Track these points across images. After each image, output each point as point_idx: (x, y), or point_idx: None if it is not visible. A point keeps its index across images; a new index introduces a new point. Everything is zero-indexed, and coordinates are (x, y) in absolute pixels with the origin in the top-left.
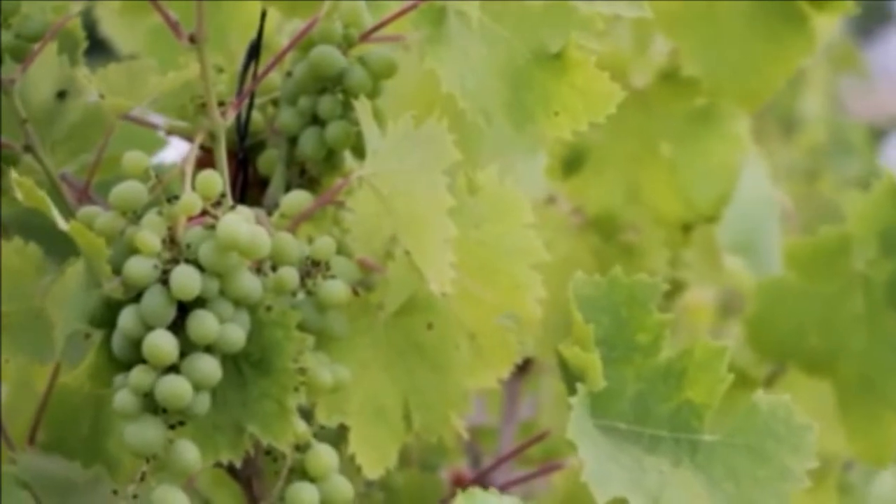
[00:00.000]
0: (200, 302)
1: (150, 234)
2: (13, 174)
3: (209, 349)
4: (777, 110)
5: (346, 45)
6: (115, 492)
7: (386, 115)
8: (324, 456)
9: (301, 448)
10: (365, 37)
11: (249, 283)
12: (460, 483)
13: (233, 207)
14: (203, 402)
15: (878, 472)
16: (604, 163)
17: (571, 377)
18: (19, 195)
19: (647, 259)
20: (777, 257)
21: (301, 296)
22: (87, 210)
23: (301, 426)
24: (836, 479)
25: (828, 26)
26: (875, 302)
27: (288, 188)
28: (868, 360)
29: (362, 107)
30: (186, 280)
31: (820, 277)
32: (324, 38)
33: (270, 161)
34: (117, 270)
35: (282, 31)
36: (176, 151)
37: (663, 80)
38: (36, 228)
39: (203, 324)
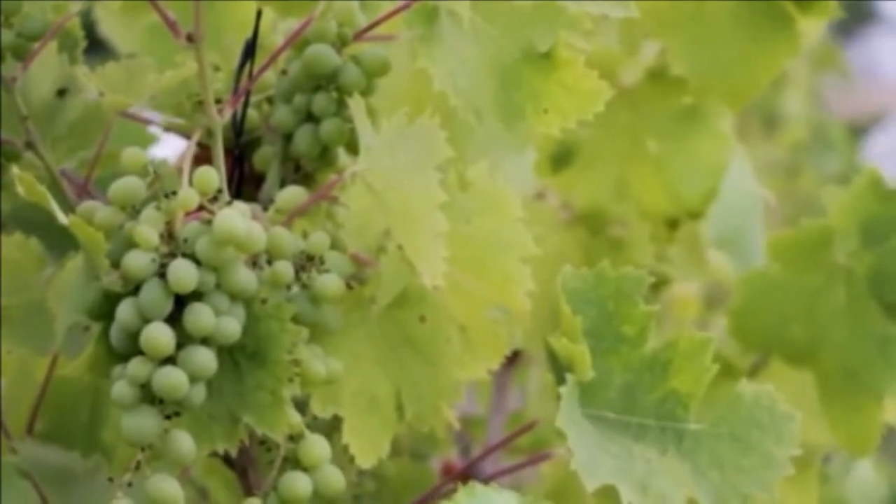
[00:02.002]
0: (197, 295)
1: (148, 229)
2: (14, 170)
3: (205, 341)
4: (760, 108)
5: (340, 43)
6: (111, 480)
7: (379, 113)
8: (316, 446)
9: (294, 438)
10: (358, 36)
11: (245, 277)
12: (450, 472)
13: (229, 203)
14: (199, 393)
15: (856, 463)
16: (592, 159)
17: (560, 368)
18: (20, 190)
19: (634, 253)
20: (760, 251)
21: (296, 289)
22: (86, 205)
23: (295, 417)
24: (818, 470)
25: (813, 28)
26: (856, 293)
27: (283, 184)
28: (850, 351)
29: (356, 104)
30: (183, 274)
31: (802, 269)
32: (318, 37)
33: (266, 157)
34: (116, 264)
35: (277, 30)
36: (173, 148)
37: (651, 79)
38: (37, 223)
39: (199, 316)
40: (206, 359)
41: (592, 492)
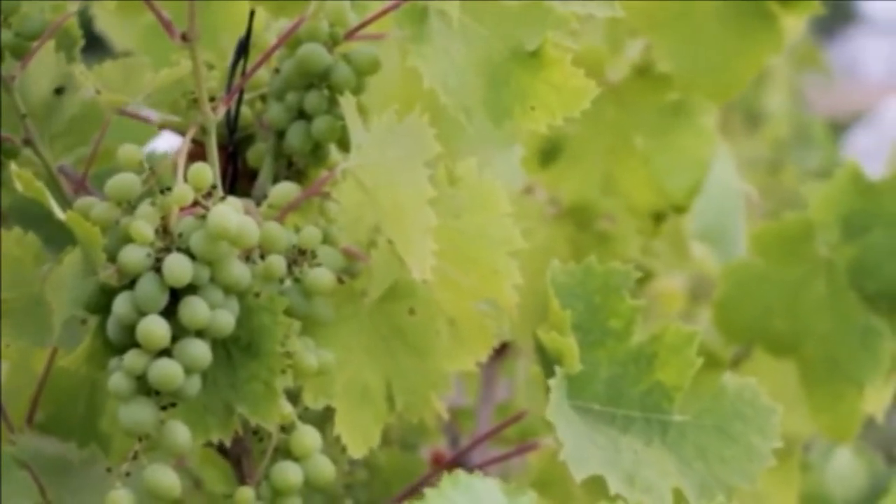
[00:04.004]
0: (192, 289)
1: (143, 224)
2: (13, 166)
3: (200, 334)
4: (743, 105)
5: (332, 42)
6: (108, 470)
7: (370, 110)
8: (307, 436)
9: (286, 429)
10: (350, 35)
11: (239, 271)
12: (439, 462)
13: (223, 198)
14: (194, 385)
15: (836, 452)
16: (580, 154)
17: (548, 361)
18: (19, 186)
19: (621, 247)
20: (743, 245)
21: (288, 283)
22: (83, 201)
23: (287, 408)
24: (799, 459)
25: (795, 25)
26: (837, 285)
27: (276, 180)
28: (831, 341)
29: (347, 102)
30: (178, 268)
31: (784, 262)
32: (310, 36)
33: (259, 154)
34: (112, 258)
35: (270, 29)
36: (168, 145)
37: (637, 76)
38: (35, 218)
39: (194, 309)
40: (200, 351)
41: (580, 482)
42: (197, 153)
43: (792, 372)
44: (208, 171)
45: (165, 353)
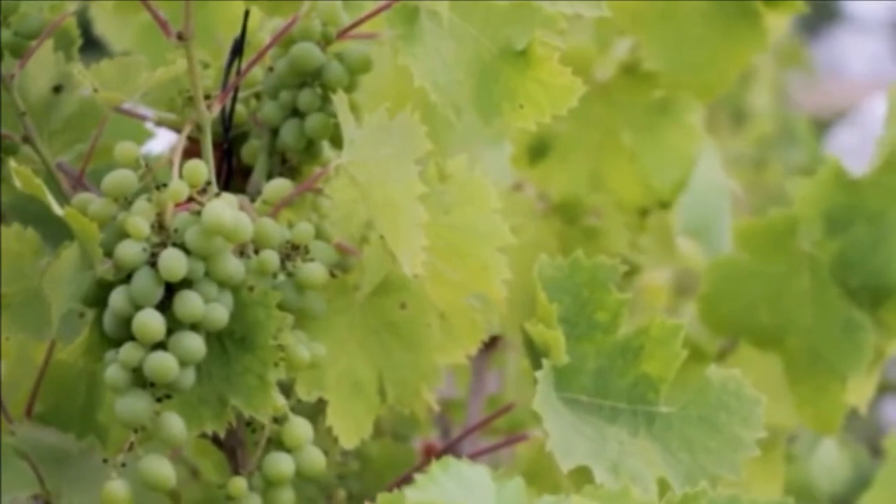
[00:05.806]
0: (187, 283)
1: (139, 220)
2: (12, 163)
3: (195, 327)
4: (728, 103)
5: (325, 42)
6: (105, 461)
7: (362, 108)
8: (299, 428)
9: (279, 420)
10: (342, 34)
11: (233, 266)
12: (431, 453)
13: (218, 194)
14: (189, 377)
15: (820, 444)
16: (568, 151)
17: (536, 353)
18: (18, 183)
19: (609, 242)
20: (728, 240)
21: (281, 277)
22: (81, 197)
23: (280, 400)
24: (783, 450)
25: (779, 23)
26: (820, 280)
27: (270, 176)
28: (815, 335)
29: (340, 100)
30: (173, 262)
31: (768, 257)
32: (303, 35)
33: (253, 151)
34: (109, 253)
35: (264, 28)
36: (164, 142)
37: (624, 74)
38: (33, 214)
39: (189, 303)
40: (195, 344)
41: (567, 472)
42: (192, 150)
43: (777, 365)
44: (203, 168)
45: (161, 345)
